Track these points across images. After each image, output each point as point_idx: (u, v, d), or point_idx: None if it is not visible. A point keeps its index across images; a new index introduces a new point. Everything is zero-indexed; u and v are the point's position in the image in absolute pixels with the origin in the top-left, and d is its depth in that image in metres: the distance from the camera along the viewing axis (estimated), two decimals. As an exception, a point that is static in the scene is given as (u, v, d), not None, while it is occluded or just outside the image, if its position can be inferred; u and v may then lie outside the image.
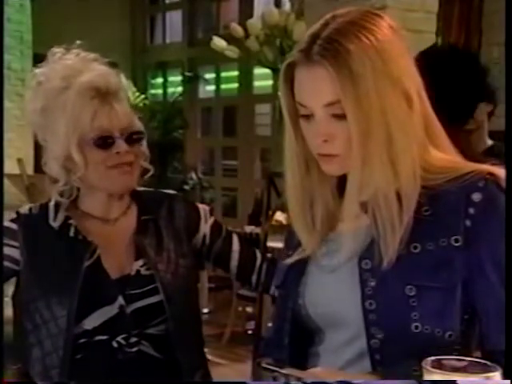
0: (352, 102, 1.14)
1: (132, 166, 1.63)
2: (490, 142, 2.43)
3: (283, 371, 1.05)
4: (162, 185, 1.84)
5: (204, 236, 1.77)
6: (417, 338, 1.14)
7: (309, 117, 1.19)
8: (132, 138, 1.63)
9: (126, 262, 1.65)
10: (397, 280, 1.16)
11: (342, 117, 1.16)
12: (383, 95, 1.15)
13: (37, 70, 1.66)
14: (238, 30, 3.58)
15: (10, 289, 1.71)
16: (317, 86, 1.17)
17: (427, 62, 1.23)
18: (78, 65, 1.64)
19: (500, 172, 1.17)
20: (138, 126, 1.67)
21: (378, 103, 1.14)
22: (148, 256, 1.65)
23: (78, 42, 1.67)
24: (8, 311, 1.71)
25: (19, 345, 1.66)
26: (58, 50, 1.66)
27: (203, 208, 1.81)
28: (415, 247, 1.17)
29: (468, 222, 1.15)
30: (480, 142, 2.40)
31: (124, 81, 1.69)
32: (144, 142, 1.70)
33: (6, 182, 5.41)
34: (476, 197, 1.15)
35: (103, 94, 1.60)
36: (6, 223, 1.67)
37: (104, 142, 1.60)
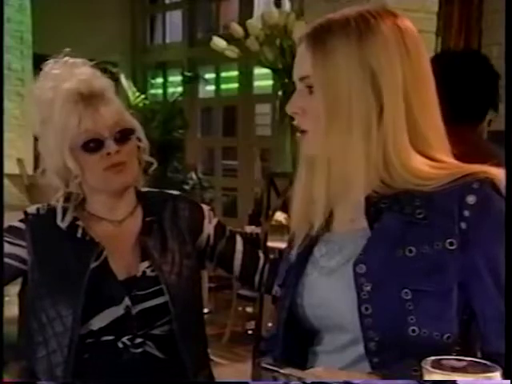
0: (319, 78, 1.19)
1: (125, 165, 1.64)
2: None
3: (283, 371, 1.05)
4: (162, 184, 1.84)
5: (208, 236, 1.78)
6: (415, 341, 1.13)
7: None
8: (121, 136, 1.64)
9: (133, 264, 1.66)
10: (392, 284, 1.15)
11: (311, 92, 1.21)
12: (352, 82, 1.17)
13: (34, 85, 1.70)
14: (237, 30, 3.57)
15: (13, 288, 1.72)
16: (298, 62, 1.25)
17: (440, 64, 1.23)
18: (63, 74, 1.66)
19: (496, 172, 1.16)
20: (128, 122, 1.68)
21: (346, 87, 1.17)
22: (153, 257, 1.66)
23: (67, 49, 1.69)
24: (9, 311, 1.72)
25: (24, 343, 1.67)
26: (48, 62, 1.69)
27: (207, 208, 1.82)
28: (410, 250, 1.16)
29: (463, 225, 1.14)
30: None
31: (108, 81, 1.70)
32: (142, 135, 1.71)
33: (6, 181, 5.40)
34: (471, 199, 1.14)
35: (87, 98, 1.62)
36: (14, 223, 1.68)
37: (92, 145, 1.61)
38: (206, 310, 5.84)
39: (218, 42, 3.66)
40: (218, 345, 4.91)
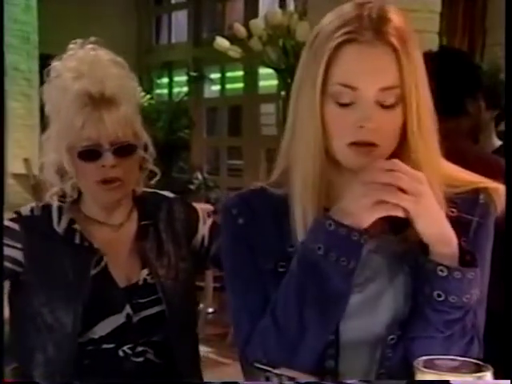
0: (413, 88, 1.12)
1: (119, 182, 1.59)
2: (498, 143, 2.45)
3: (276, 371, 1.06)
4: (167, 185, 1.82)
5: (203, 237, 1.76)
6: None
7: (348, 104, 1.13)
8: (122, 151, 1.58)
9: (132, 270, 1.63)
10: None
11: (390, 107, 1.13)
12: (426, 86, 1.17)
13: (53, 64, 1.63)
14: (240, 31, 3.58)
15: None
16: (378, 67, 1.12)
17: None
18: (83, 66, 1.60)
19: (497, 186, 1.26)
20: (131, 137, 1.60)
21: (426, 93, 1.16)
22: (151, 264, 1.63)
23: (93, 38, 1.64)
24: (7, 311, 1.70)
25: (18, 347, 1.64)
26: (72, 46, 1.63)
27: (201, 209, 1.80)
28: None
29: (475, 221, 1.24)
30: (487, 142, 2.42)
31: (124, 85, 1.63)
32: (149, 145, 1.65)
33: (12, 181, 5.43)
34: (481, 198, 1.25)
35: (96, 101, 1.56)
36: (7, 223, 1.63)
37: (89, 154, 1.56)
38: (210, 310, 5.84)
39: (221, 43, 3.67)
40: (222, 344, 4.90)
